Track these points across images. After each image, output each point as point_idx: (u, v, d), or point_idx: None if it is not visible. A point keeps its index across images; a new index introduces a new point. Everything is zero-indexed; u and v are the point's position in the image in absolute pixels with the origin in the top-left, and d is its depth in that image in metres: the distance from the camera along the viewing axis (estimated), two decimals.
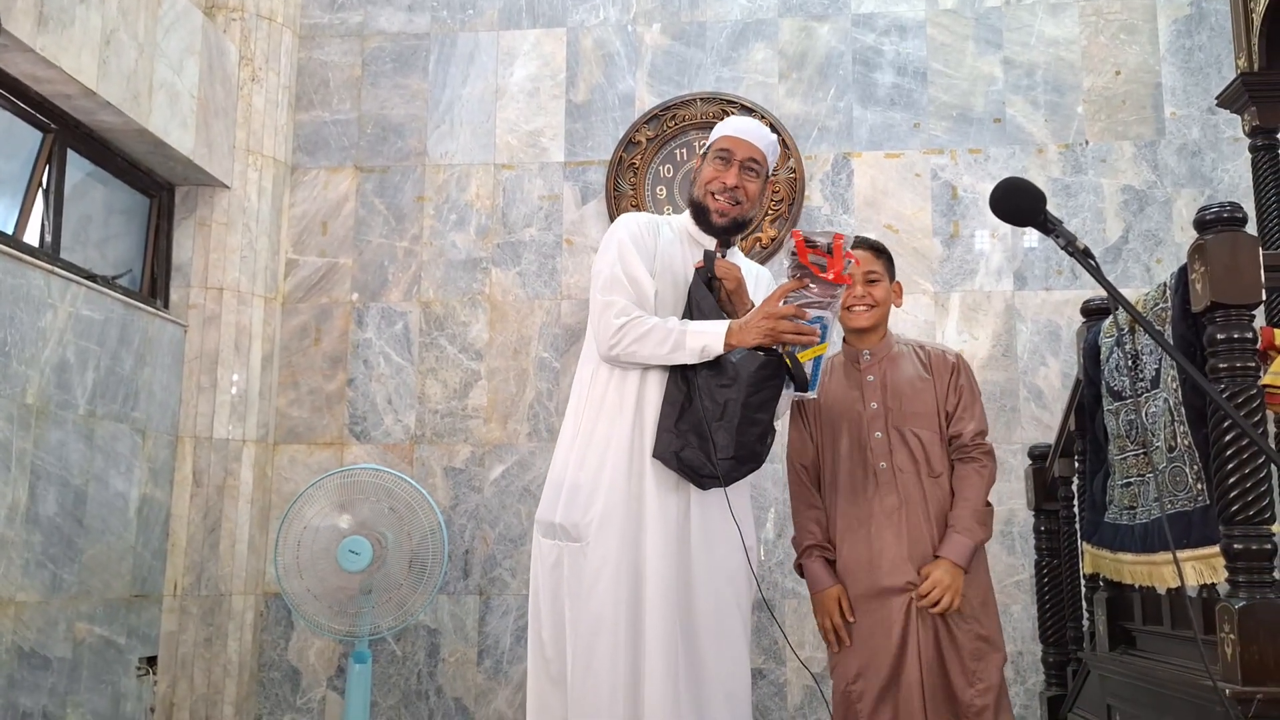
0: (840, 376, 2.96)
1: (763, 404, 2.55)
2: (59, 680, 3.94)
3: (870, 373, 2.90)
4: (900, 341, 2.97)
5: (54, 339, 3.94)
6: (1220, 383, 2.12)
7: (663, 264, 2.69)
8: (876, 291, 2.90)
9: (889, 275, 2.93)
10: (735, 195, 2.72)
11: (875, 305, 2.89)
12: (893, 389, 2.87)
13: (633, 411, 2.63)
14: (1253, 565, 2.08)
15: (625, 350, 2.57)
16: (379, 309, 5.10)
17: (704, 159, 2.77)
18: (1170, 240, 4.71)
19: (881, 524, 2.79)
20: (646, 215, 2.79)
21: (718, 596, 2.60)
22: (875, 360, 2.91)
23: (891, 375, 2.89)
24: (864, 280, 2.89)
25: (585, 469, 2.63)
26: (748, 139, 2.75)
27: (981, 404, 2.92)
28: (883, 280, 2.91)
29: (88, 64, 3.91)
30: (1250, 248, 2.12)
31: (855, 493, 2.85)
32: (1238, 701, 1.97)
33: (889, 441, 2.83)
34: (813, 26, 5.09)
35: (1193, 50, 4.86)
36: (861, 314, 2.89)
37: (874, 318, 2.90)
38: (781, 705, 4.59)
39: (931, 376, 2.88)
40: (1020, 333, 4.74)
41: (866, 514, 2.82)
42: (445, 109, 5.23)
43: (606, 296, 2.61)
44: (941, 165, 4.92)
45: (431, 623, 4.79)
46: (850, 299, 2.89)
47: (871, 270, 2.90)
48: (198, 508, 4.67)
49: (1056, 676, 3.27)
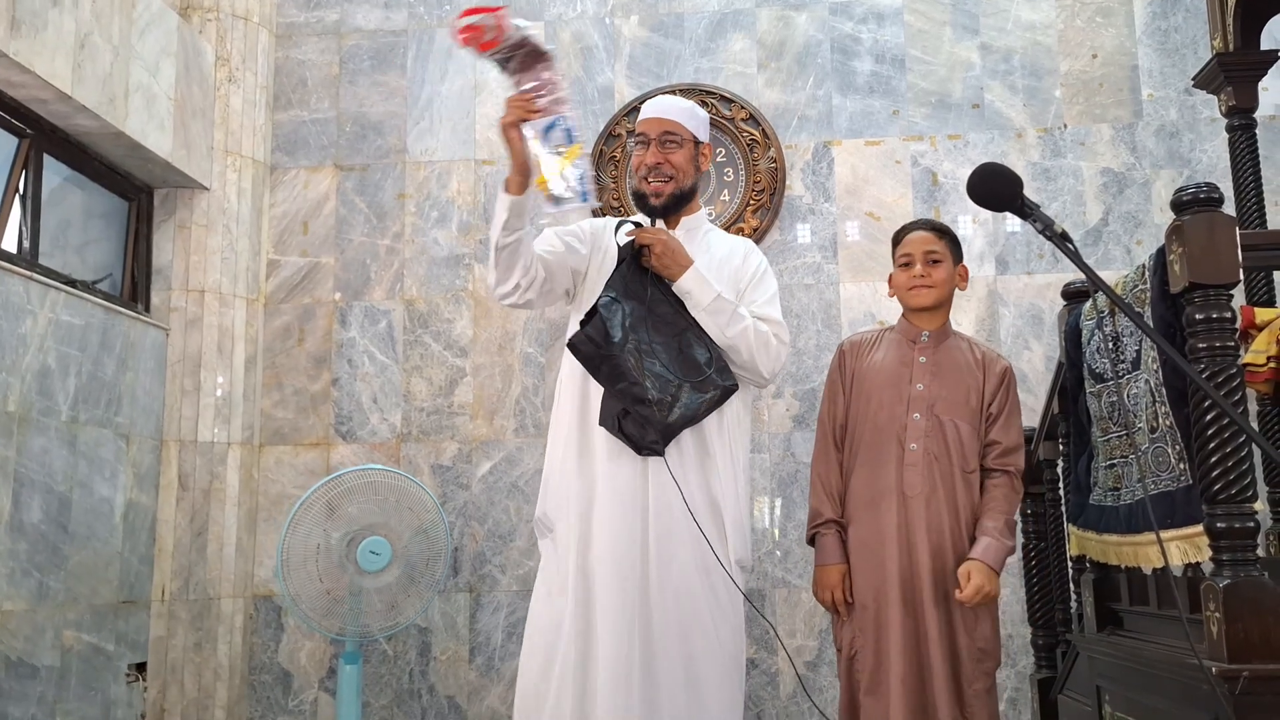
0: (892, 349, 2.93)
1: (610, 377, 2.64)
2: (48, 689, 3.93)
3: (924, 354, 2.88)
4: (958, 334, 2.96)
5: (34, 345, 3.92)
6: (1200, 363, 2.12)
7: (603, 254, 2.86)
8: (937, 272, 2.86)
9: (953, 257, 2.88)
10: (661, 171, 2.80)
11: (934, 286, 2.86)
12: (943, 375, 2.85)
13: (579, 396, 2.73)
14: (1236, 543, 2.08)
15: (489, 266, 2.78)
16: (362, 308, 5.08)
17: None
18: (1150, 221, 4.73)
19: (903, 504, 2.79)
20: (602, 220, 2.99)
21: (679, 564, 2.61)
22: (932, 342, 2.89)
23: (945, 361, 2.87)
24: (924, 260, 2.86)
25: (548, 460, 2.76)
26: (657, 115, 2.85)
27: (1021, 420, 2.91)
28: (945, 262, 2.86)
29: (62, 68, 3.89)
30: (1227, 228, 2.12)
31: (878, 467, 2.83)
32: (1224, 679, 1.97)
33: (925, 425, 2.81)
34: (790, 16, 5.09)
35: (1169, 32, 4.87)
36: (921, 294, 2.86)
37: (934, 298, 2.87)
38: (774, 695, 4.60)
39: (982, 375, 2.86)
40: (1003, 317, 4.76)
41: (886, 490, 2.81)
42: (424, 106, 5.21)
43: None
44: (921, 152, 4.93)
45: (423, 621, 4.78)
46: (910, 279, 2.88)
47: (932, 250, 2.86)
48: (184, 512, 4.65)
49: (1046, 658, 3.29)
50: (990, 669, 2.78)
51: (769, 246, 4.88)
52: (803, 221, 4.92)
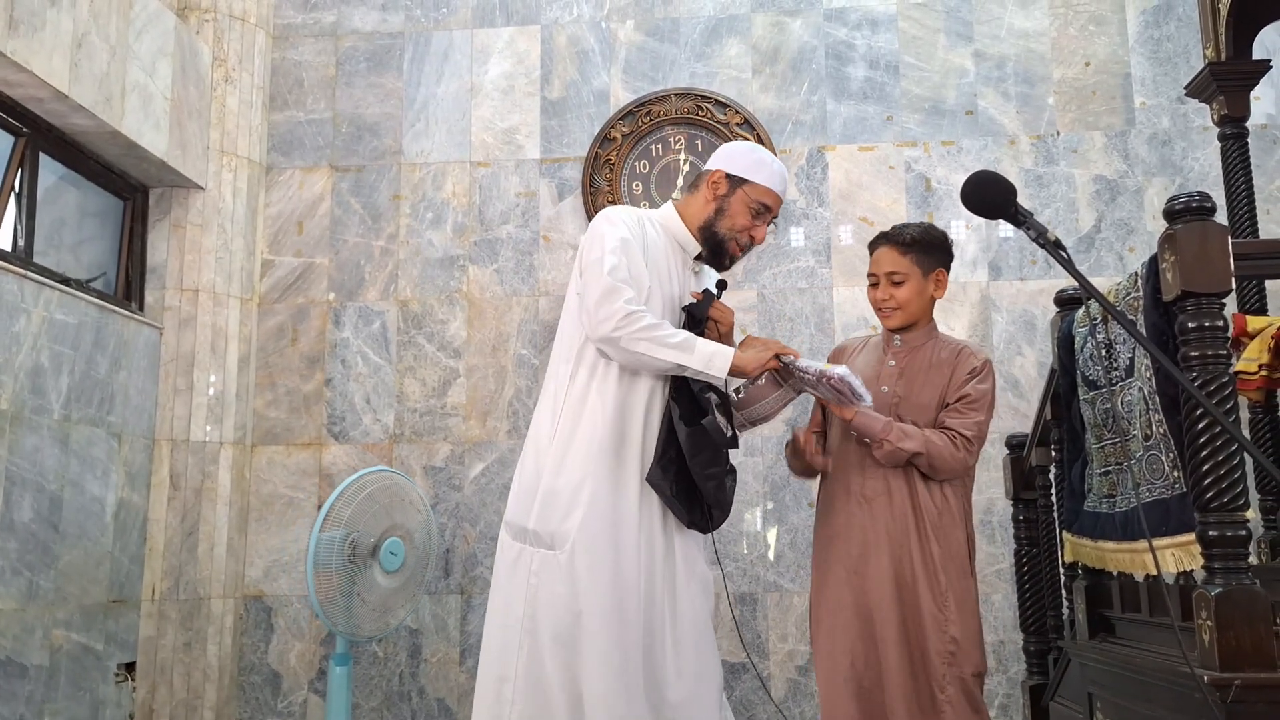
0: (871, 353, 2.96)
1: (706, 464, 2.58)
2: (36, 688, 3.92)
3: (894, 357, 2.89)
4: (941, 338, 2.93)
5: (28, 344, 3.91)
6: (1192, 371, 2.13)
7: (650, 261, 2.67)
8: (900, 293, 2.84)
9: (923, 269, 2.83)
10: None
11: (900, 308, 2.84)
12: (909, 378, 2.85)
13: (614, 416, 2.59)
14: (1228, 551, 2.09)
15: (628, 337, 2.50)
16: (356, 308, 5.08)
17: (732, 189, 2.72)
18: (1142, 229, 4.75)
19: (863, 506, 2.81)
20: (632, 211, 2.75)
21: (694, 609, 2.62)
22: (905, 347, 2.90)
23: (913, 365, 2.87)
24: (887, 281, 2.84)
25: (564, 475, 2.57)
26: (784, 198, 2.79)
27: (986, 418, 2.82)
28: (910, 279, 2.83)
29: (59, 67, 3.88)
30: (1220, 236, 2.14)
31: (844, 469, 2.87)
32: (1216, 688, 1.98)
33: None
34: (785, 21, 5.10)
35: (1161, 41, 4.90)
36: (889, 315, 2.87)
37: (900, 319, 2.86)
38: (765, 699, 4.60)
39: (950, 371, 2.83)
40: (996, 323, 4.77)
41: (848, 491, 2.84)
42: (420, 107, 5.21)
43: (614, 281, 2.53)
44: (915, 157, 4.94)
45: (413, 623, 4.78)
46: (876, 299, 2.88)
47: (894, 271, 2.83)
48: (175, 511, 4.64)
49: (1038, 665, 3.29)
50: (965, 674, 2.71)
51: (763, 250, 4.89)
52: (796, 226, 4.93)
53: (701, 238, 2.75)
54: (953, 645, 2.71)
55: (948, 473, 2.76)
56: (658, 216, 2.79)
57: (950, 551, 2.78)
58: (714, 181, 2.74)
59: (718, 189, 2.73)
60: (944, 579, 2.75)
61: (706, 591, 2.67)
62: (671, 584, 2.59)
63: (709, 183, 2.75)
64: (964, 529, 2.83)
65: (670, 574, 2.60)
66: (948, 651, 2.71)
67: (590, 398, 2.61)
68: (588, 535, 2.52)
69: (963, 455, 2.75)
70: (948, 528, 2.79)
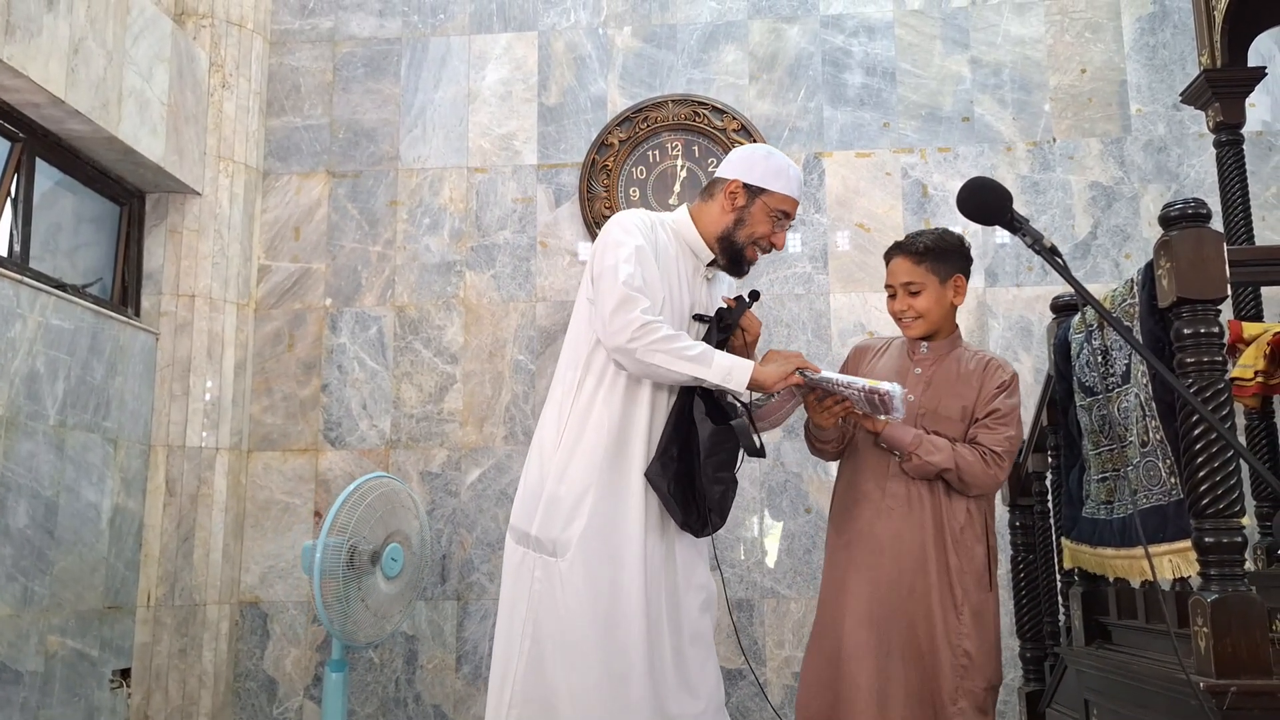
0: (894, 358, 2.92)
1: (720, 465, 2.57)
2: (31, 694, 3.90)
3: (920, 365, 2.85)
4: (966, 347, 2.90)
5: (23, 349, 3.91)
6: (1188, 377, 2.13)
7: (661, 267, 2.64)
8: (919, 303, 2.81)
9: (939, 276, 2.80)
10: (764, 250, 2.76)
11: (921, 317, 2.81)
12: (936, 388, 2.81)
13: (620, 425, 2.58)
14: (1224, 558, 2.09)
15: (644, 348, 2.47)
16: (353, 314, 5.08)
17: (750, 199, 2.68)
18: (1138, 235, 4.76)
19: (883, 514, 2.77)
20: (645, 215, 2.71)
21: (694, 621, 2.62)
22: (930, 355, 2.86)
23: (941, 374, 2.83)
24: (904, 292, 2.82)
25: (566, 483, 2.56)
26: (799, 201, 2.77)
27: (1017, 433, 2.78)
28: (927, 288, 2.80)
29: (56, 73, 3.88)
30: (1215, 243, 2.14)
31: (865, 473, 2.83)
32: (1212, 694, 1.98)
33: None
34: (782, 28, 5.11)
35: (1157, 48, 4.91)
36: (910, 325, 2.84)
37: (922, 328, 2.83)
38: (762, 705, 4.59)
39: (979, 385, 2.79)
40: (992, 329, 4.77)
41: (868, 498, 2.80)
42: (417, 113, 5.22)
43: (630, 290, 2.50)
44: (912, 164, 4.95)
45: (409, 629, 4.77)
46: (896, 310, 2.86)
47: (910, 282, 2.81)
48: (171, 517, 4.63)
49: (1034, 671, 3.29)
50: (979, 688, 2.70)
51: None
52: (793, 231, 4.93)
53: (720, 248, 2.72)
54: (965, 659, 2.70)
55: (979, 489, 2.75)
56: (670, 221, 2.75)
57: (970, 565, 2.75)
58: (731, 192, 2.69)
59: (736, 200, 2.69)
60: (960, 592, 2.73)
61: (708, 604, 2.65)
62: (673, 594, 2.59)
63: (726, 193, 2.70)
64: (985, 543, 2.81)
65: (671, 584, 2.59)
66: (960, 665, 2.70)
67: (597, 405, 2.59)
68: (589, 544, 2.51)
69: (994, 472, 2.73)
70: (969, 542, 2.77)
